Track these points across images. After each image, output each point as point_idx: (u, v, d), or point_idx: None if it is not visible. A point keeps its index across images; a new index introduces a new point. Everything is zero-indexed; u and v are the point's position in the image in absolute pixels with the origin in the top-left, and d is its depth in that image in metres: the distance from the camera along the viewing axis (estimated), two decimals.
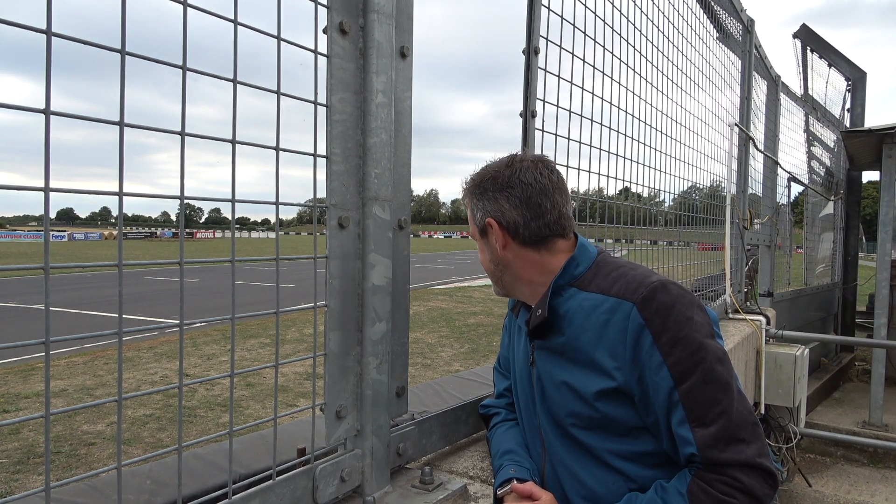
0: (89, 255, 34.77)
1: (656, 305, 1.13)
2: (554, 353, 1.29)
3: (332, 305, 1.13)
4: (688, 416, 1.10)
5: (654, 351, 1.12)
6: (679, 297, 1.15)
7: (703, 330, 1.14)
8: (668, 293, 1.14)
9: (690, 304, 1.15)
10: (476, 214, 1.33)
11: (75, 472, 4.55)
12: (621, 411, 1.20)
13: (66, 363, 7.97)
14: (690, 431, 1.10)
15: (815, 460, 4.99)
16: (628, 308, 1.15)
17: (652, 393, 1.14)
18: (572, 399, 1.25)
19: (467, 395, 2.00)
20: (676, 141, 3.01)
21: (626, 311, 1.15)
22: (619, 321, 1.16)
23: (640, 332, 1.13)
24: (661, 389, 1.12)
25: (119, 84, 0.77)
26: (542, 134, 1.81)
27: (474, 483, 1.37)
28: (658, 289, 1.14)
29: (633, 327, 1.14)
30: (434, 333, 10.56)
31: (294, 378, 7.26)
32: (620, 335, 1.15)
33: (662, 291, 1.14)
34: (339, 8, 1.11)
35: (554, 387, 1.29)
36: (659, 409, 1.14)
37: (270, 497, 1.02)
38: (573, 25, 1.86)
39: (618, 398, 1.19)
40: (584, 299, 1.24)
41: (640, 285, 1.16)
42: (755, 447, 1.09)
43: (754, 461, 1.08)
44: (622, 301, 1.17)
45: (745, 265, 4.53)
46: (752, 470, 1.08)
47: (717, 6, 3.70)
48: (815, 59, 7.26)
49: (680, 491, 1.12)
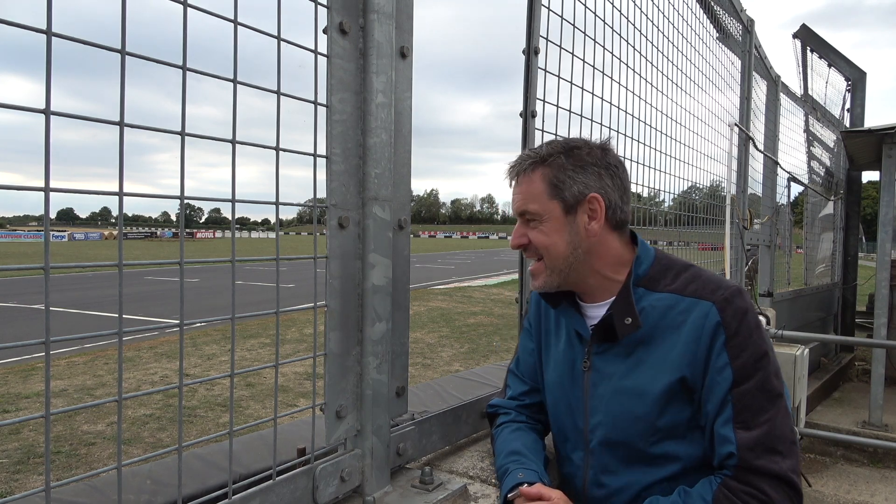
0: (89, 255, 34.78)
1: (734, 308, 1.16)
2: (619, 356, 1.27)
3: (332, 305, 1.13)
4: (734, 418, 1.13)
5: (723, 351, 1.15)
6: (752, 306, 1.19)
7: (768, 341, 1.18)
8: (744, 299, 1.19)
9: (757, 315, 1.20)
10: (572, 187, 1.25)
11: (75, 472, 4.55)
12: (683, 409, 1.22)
13: (66, 363, 7.97)
14: (733, 432, 1.13)
15: (815, 460, 4.99)
16: (707, 307, 1.18)
17: (707, 391, 1.17)
18: (636, 403, 1.24)
19: (467, 395, 2.00)
20: (676, 141, 3.01)
21: (705, 310, 1.18)
22: (695, 319, 1.18)
23: (716, 331, 1.16)
24: (719, 388, 1.15)
25: (119, 84, 0.77)
26: (542, 134, 1.81)
27: (474, 483, 1.37)
28: (736, 293, 1.19)
29: (709, 325, 1.17)
30: (434, 333, 10.55)
31: (294, 378, 7.26)
32: (695, 333, 1.18)
33: (740, 296, 1.19)
34: (339, 8, 1.11)
35: (614, 392, 1.27)
36: (711, 407, 1.17)
37: (270, 497, 1.02)
38: (573, 25, 1.86)
39: (682, 395, 1.21)
40: (656, 300, 1.24)
41: (720, 287, 1.20)
42: (790, 462, 1.11)
43: (786, 475, 1.10)
44: (699, 301, 1.20)
45: (745, 265, 4.53)
46: (782, 484, 1.10)
47: (717, 6, 3.70)
48: (815, 59, 7.26)
49: (705, 498, 1.13)
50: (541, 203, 1.27)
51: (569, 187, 1.26)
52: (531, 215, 1.28)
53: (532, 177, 1.28)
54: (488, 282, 20.99)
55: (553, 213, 1.26)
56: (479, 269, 27.63)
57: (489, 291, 17.79)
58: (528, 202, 1.28)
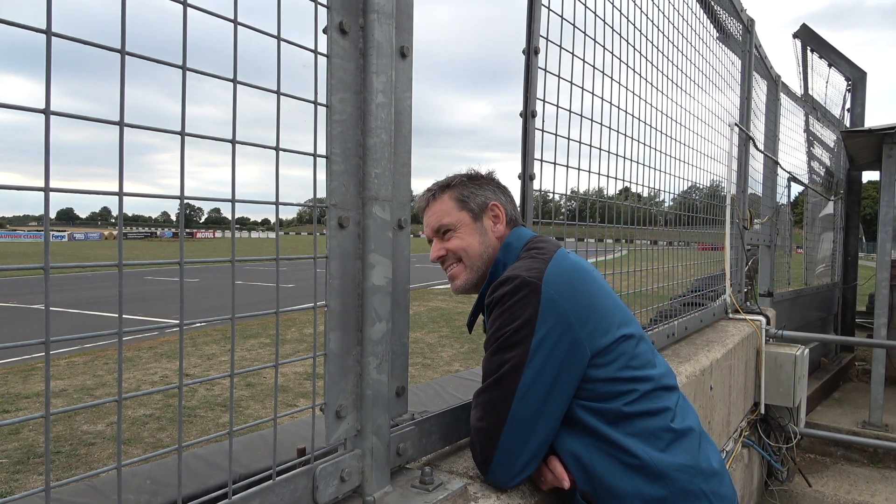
0: (89, 255, 34.77)
1: (492, 296, 1.33)
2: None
3: (332, 305, 1.13)
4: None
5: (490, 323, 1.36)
6: (511, 291, 1.29)
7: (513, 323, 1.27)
8: (505, 285, 1.30)
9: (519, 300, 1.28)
10: (476, 199, 1.54)
11: (75, 472, 4.55)
12: None
13: (66, 363, 7.97)
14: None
15: (815, 460, 4.99)
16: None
17: None
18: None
19: (467, 395, 2.00)
20: (676, 141, 3.01)
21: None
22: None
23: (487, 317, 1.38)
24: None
25: (119, 84, 0.77)
26: (542, 134, 1.81)
27: (474, 483, 1.37)
28: (502, 282, 1.32)
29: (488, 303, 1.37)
30: (434, 333, 10.56)
31: (294, 378, 7.26)
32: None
33: (503, 284, 1.31)
34: (339, 8, 1.11)
35: None
36: None
37: (270, 497, 1.02)
38: (573, 25, 1.86)
39: None
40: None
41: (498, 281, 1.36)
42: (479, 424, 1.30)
43: (472, 427, 1.32)
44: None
45: (745, 265, 4.53)
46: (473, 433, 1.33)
47: (717, 6, 3.70)
48: (816, 58, 7.26)
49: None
50: (452, 216, 1.53)
51: (473, 199, 1.54)
52: (446, 227, 1.53)
53: (442, 198, 1.55)
54: None
55: (464, 221, 1.52)
56: None
57: None
58: (441, 217, 1.53)
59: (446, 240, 1.53)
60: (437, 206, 1.55)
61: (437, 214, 1.54)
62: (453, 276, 1.55)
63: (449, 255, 1.54)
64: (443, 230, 1.53)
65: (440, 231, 1.54)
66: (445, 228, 1.53)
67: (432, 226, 1.55)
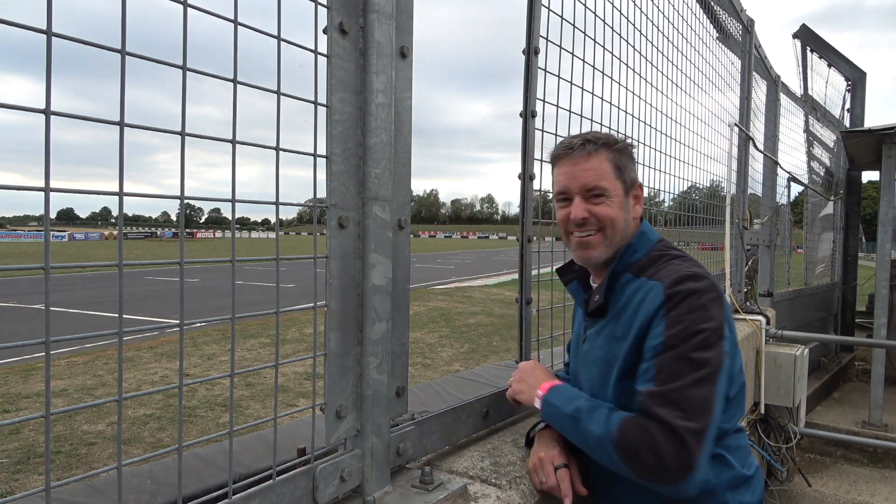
0: (89, 255, 34.77)
1: (680, 289, 1.24)
2: (598, 331, 1.43)
3: (332, 305, 1.13)
4: (654, 378, 1.20)
5: (661, 322, 1.24)
6: (707, 290, 1.25)
7: (710, 322, 1.22)
8: (696, 283, 1.25)
9: (712, 299, 1.24)
10: (630, 173, 1.44)
11: (75, 472, 4.55)
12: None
13: (66, 363, 7.97)
14: (646, 384, 1.21)
15: (814, 460, 4.99)
16: (658, 287, 1.28)
17: (642, 357, 1.26)
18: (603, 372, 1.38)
19: (467, 395, 2.00)
20: (676, 141, 3.01)
21: (657, 290, 1.28)
22: (650, 298, 1.29)
23: (659, 307, 1.25)
24: (649, 354, 1.23)
25: (119, 84, 0.77)
26: (542, 134, 1.81)
27: (474, 483, 1.37)
28: (689, 277, 1.26)
29: (655, 301, 1.27)
30: (434, 333, 10.55)
31: (294, 378, 7.26)
32: (646, 309, 1.28)
33: (692, 279, 1.25)
34: (339, 8, 1.11)
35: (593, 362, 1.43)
36: (640, 369, 1.25)
37: (270, 497, 1.02)
38: (573, 25, 1.86)
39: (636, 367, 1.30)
40: (635, 285, 1.36)
41: (677, 271, 1.29)
42: (690, 424, 1.14)
43: (680, 430, 1.13)
44: (656, 283, 1.30)
45: (744, 265, 4.53)
46: (672, 435, 1.13)
47: (717, 6, 3.70)
48: (815, 59, 7.26)
49: (620, 415, 1.23)
50: (609, 180, 1.39)
51: (627, 172, 1.43)
52: (601, 190, 1.38)
53: (599, 156, 1.40)
54: (488, 282, 20.99)
55: (617, 191, 1.40)
56: (479, 269, 27.64)
57: (489, 291, 17.79)
58: (599, 178, 1.38)
59: (596, 203, 1.38)
60: (593, 162, 1.38)
61: (594, 172, 1.38)
62: (587, 244, 1.41)
63: (591, 221, 1.39)
64: (596, 192, 1.38)
65: (592, 192, 1.39)
66: (600, 192, 1.38)
67: (585, 182, 1.39)
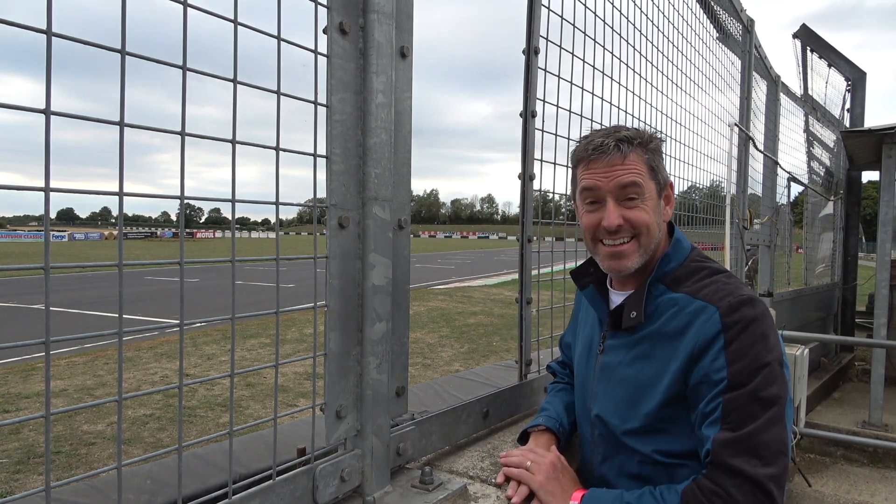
0: (89, 255, 34.77)
1: (739, 316, 1.14)
2: (627, 346, 1.30)
3: (332, 305, 1.13)
4: (721, 419, 1.10)
5: (720, 355, 1.13)
6: (763, 316, 1.15)
7: (775, 353, 1.14)
8: (754, 308, 1.15)
9: (770, 325, 1.16)
10: (662, 172, 1.31)
11: (75, 472, 4.55)
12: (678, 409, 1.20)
13: (66, 363, 7.97)
14: (714, 431, 1.10)
15: (814, 460, 4.99)
16: (711, 312, 1.16)
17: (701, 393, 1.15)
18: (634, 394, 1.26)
19: (467, 395, 2.00)
20: (676, 141, 3.01)
21: (709, 315, 1.16)
22: (700, 322, 1.17)
23: (716, 336, 1.14)
24: (712, 391, 1.12)
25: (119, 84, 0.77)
26: (542, 134, 1.81)
27: (474, 483, 1.37)
28: (746, 301, 1.15)
29: (711, 329, 1.15)
30: (434, 333, 10.55)
31: (294, 378, 7.26)
32: (697, 336, 1.16)
33: (749, 305, 1.15)
34: (339, 8, 1.11)
35: (619, 381, 1.30)
36: (702, 408, 1.14)
37: (270, 497, 1.02)
38: (573, 25, 1.86)
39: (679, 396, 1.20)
40: (671, 300, 1.24)
41: (730, 294, 1.17)
42: (770, 470, 1.05)
43: (761, 480, 1.03)
44: (707, 305, 1.18)
45: (745, 265, 4.53)
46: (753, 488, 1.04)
47: (717, 6, 3.70)
48: (815, 59, 7.26)
49: (677, 490, 1.12)
50: (644, 181, 1.26)
51: (660, 172, 1.30)
52: (636, 192, 1.24)
53: (634, 155, 1.25)
54: (488, 282, 20.98)
55: (651, 192, 1.27)
56: (479, 269, 27.63)
57: (489, 291, 17.79)
58: (636, 181, 1.24)
59: (630, 207, 1.25)
60: (629, 161, 1.24)
61: (630, 171, 1.24)
62: (621, 254, 1.26)
63: (625, 228, 1.25)
64: (631, 194, 1.25)
65: (626, 192, 1.25)
66: (634, 194, 1.24)
67: (620, 180, 1.24)
